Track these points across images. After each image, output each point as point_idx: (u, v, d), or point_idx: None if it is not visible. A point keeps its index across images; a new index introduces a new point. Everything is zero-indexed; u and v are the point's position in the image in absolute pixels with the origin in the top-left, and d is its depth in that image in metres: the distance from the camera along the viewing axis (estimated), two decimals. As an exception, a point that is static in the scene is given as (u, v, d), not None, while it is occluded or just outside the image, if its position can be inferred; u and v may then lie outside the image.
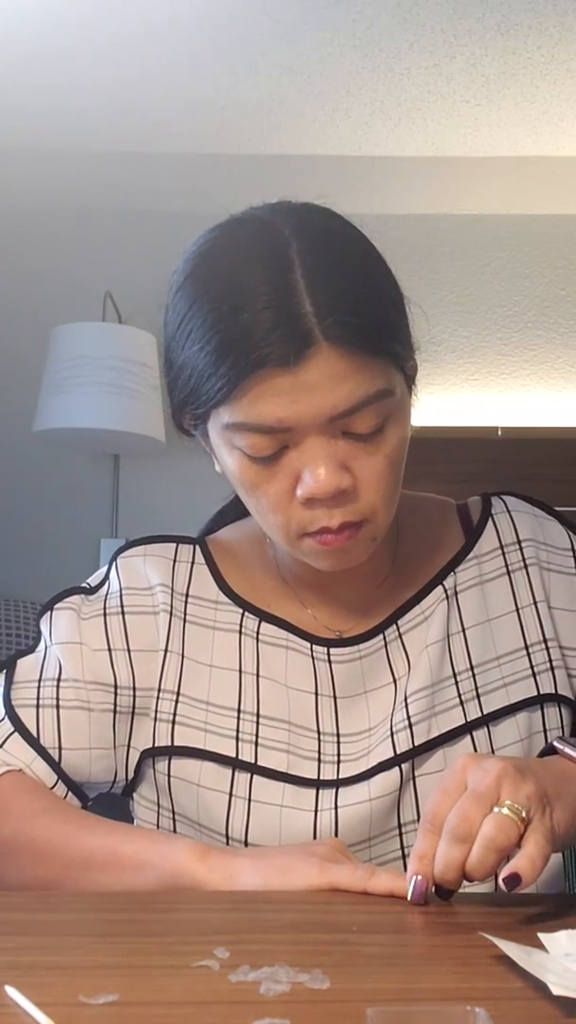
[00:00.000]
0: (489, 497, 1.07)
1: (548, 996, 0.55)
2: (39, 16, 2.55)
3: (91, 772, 0.97)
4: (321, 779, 0.93)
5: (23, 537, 3.34)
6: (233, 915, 0.76)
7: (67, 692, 0.97)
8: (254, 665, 0.98)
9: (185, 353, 0.88)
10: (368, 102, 2.93)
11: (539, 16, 2.58)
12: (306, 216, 0.89)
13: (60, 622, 1.01)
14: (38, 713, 0.96)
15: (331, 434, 0.85)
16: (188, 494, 1.17)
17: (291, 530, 0.89)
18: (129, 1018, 0.54)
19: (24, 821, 0.91)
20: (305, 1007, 0.55)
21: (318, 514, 0.87)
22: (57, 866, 0.89)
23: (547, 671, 0.98)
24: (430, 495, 1.10)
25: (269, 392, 0.83)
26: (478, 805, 0.73)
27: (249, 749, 0.94)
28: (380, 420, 0.86)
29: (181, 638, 0.99)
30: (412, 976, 0.62)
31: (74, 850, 0.89)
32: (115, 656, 0.98)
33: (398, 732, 0.93)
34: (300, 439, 0.85)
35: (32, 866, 0.90)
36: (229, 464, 0.90)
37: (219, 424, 0.88)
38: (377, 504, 0.89)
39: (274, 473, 0.87)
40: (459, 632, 0.98)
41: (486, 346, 3.44)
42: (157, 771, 0.97)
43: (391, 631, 0.99)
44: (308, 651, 0.98)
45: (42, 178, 3.27)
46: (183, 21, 2.57)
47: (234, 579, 1.03)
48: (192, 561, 1.03)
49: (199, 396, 0.87)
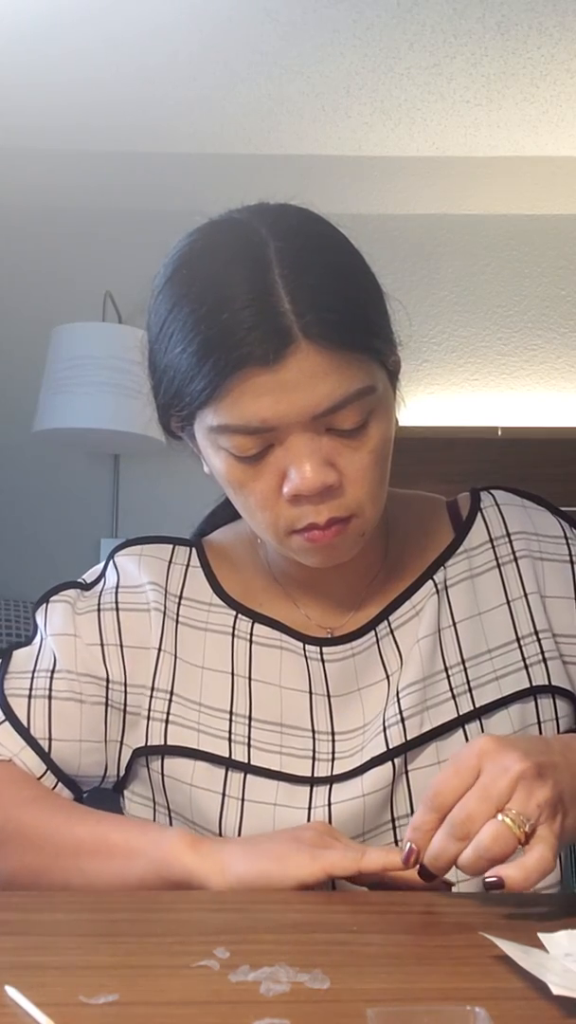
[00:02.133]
0: (478, 492, 1.07)
1: (548, 996, 0.55)
2: (39, 16, 2.55)
3: (80, 765, 0.97)
4: (315, 776, 0.93)
5: (23, 537, 3.34)
6: (233, 915, 0.76)
7: (60, 683, 0.97)
8: (246, 668, 0.98)
9: (168, 356, 0.89)
10: (368, 102, 2.93)
11: (539, 16, 2.58)
12: (283, 216, 0.90)
13: (55, 614, 1.01)
14: (30, 703, 0.97)
15: (315, 431, 0.86)
16: (188, 494, 1.17)
17: (279, 528, 0.90)
18: (129, 1018, 0.54)
19: (12, 810, 0.92)
20: (305, 1007, 0.55)
21: (305, 510, 0.88)
22: (46, 854, 0.89)
23: (539, 663, 0.98)
24: (419, 492, 1.10)
25: (251, 392, 0.84)
26: (485, 805, 0.73)
27: (242, 750, 0.94)
28: (363, 416, 0.87)
29: (174, 639, 0.99)
30: (412, 976, 0.62)
31: (63, 838, 0.89)
32: (108, 651, 0.98)
33: (390, 727, 0.93)
34: (284, 437, 0.86)
35: (20, 855, 0.90)
36: (216, 464, 0.91)
37: (204, 426, 0.89)
38: (363, 499, 0.89)
39: (260, 471, 0.88)
40: (450, 626, 0.99)
41: (486, 346, 3.44)
42: (151, 770, 0.97)
43: (382, 627, 0.99)
44: (301, 651, 0.98)
45: (42, 178, 3.28)
46: (183, 21, 2.57)
47: (228, 581, 1.03)
48: (187, 564, 1.04)
49: (183, 398, 0.88)
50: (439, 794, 0.75)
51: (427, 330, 3.40)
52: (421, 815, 0.76)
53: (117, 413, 2.93)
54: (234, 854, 0.83)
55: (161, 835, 0.87)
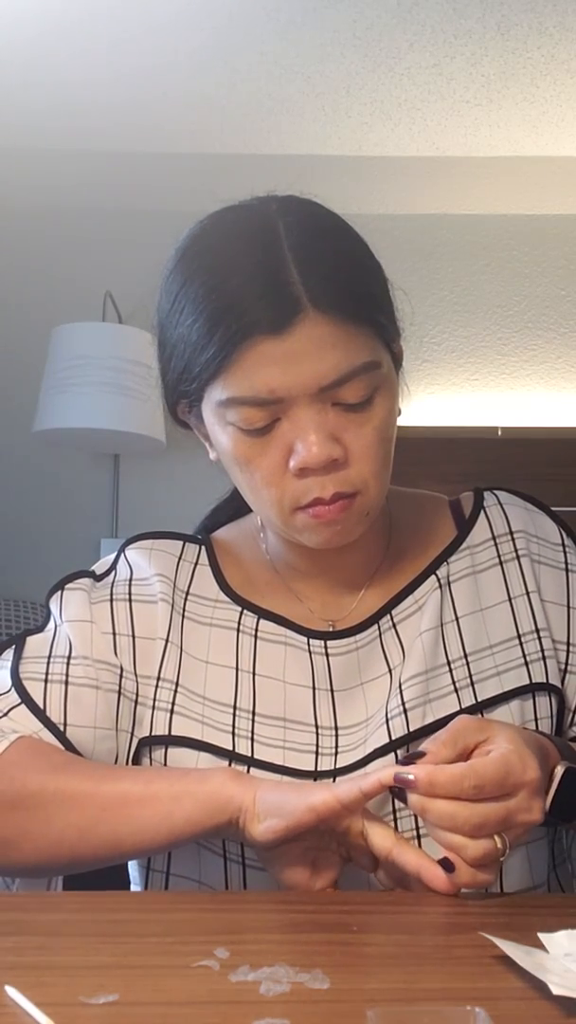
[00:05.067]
0: (481, 491, 1.09)
1: (548, 996, 0.55)
2: (39, 16, 2.55)
3: (95, 751, 0.97)
4: (318, 770, 0.93)
5: (23, 537, 3.34)
6: (233, 915, 0.76)
7: (76, 669, 0.97)
8: (251, 663, 0.98)
9: (178, 329, 0.91)
10: (368, 102, 2.93)
11: (539, 16, 2.58)
12: (292, 200, 0.94)
13: (71, 602, 1.02)
14: (46, 688, 0.96)
15: (322, 404, 0.88)
16: (188, 494, 1.18)
17: (285, 504, 0.91)
18: (129, 1018, 0.54)
19: (48, 774, 0.90)
20: (305, 1007, 0.55)
21: (310, 485, 0.89)
22: (91, 809, 0.87)
23: (539, 660, 0.99)
24: (423, 491, 1.12)
25: (260, 362, 0.86)
26: (494, 823, 0.77)
27: (246, 744, 0.95)
28: (369, 391, 0.89)
29: (180, 632, 1.00)
30: (412, 976, 0.62)
31: (108, 791, 0.88)
32: (119, 641, 0.99)
33: (393, 718, 0.94)
34: (291, 410, 0.88)
35: (64, 814, 0.88)
36: (223, 443, 0.92)
37: (213, 402, 0.90)
38: (368, 476, 0.90)
39: (267, 446, 0.89)
40: (452, 621, 0.99)
41: (486, 346, 3.44)
42: (154, 760, 0.97)
43: (385, 621, 1.00)
44: (305, 646, 0.99)
45: (42, 178, 3.27)
46: (183, 20, 2.57)
47: (233, 577, 1.04)
48: (196, 562, 1.05)
49: (192, 371, 0.90)
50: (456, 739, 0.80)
51: (427, 330, 3.40)
52: (433, 746, 0.79)
53: (117, 413, 2.93)
54: (266, 786, 0.85)
55: (204, 772, 0.88)
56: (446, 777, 0.76)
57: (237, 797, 0.84)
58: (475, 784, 0.76)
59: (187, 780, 0.87)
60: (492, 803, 0.77)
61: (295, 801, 0.80)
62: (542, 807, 0.79)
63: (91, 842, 0.88)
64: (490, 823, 0.76)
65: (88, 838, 0.88)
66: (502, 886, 0.91)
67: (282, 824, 0.80)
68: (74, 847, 0.88)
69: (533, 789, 0.78)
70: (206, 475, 1.11)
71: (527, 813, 0.78)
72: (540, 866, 0.97)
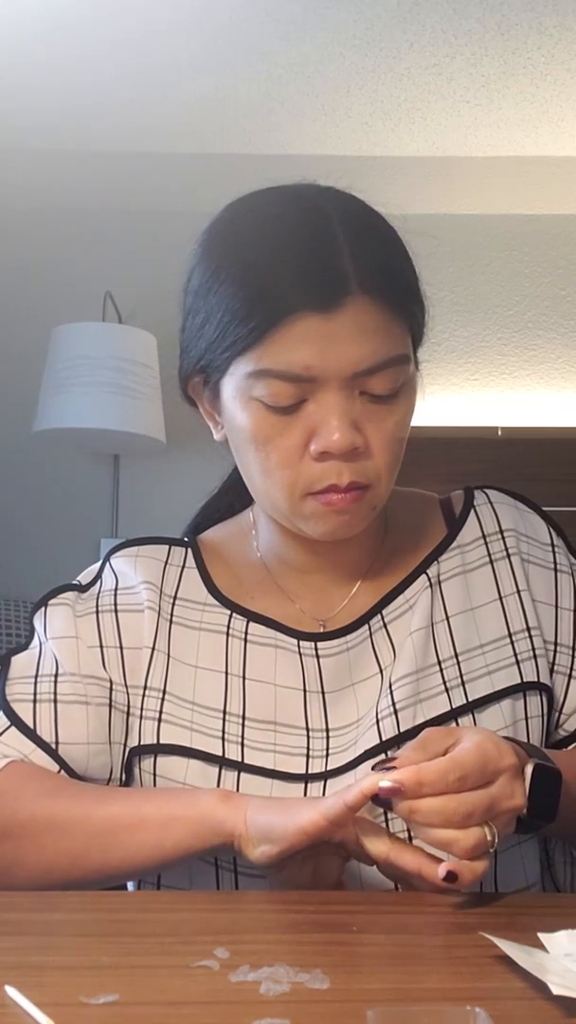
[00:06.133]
0: (472, 490, 1.08)
1: (548, 996, 0.55)
2: (39, 16, 2.55)
3: (88, 767, 0.96)
4: (309, 773, 0.93)
5: (23, 537, 3.34)
6: (233, 915, 0.76)
7: (64, 687, 0.97)
8: (240, 667, 0.98)
9: (216, 297, 0.90)
10: (368, 102, 2.93)
11: (539, 16, 2.58)
12: (333, 189, 0.96)
13: (55, 618, 1.01)
14: (35, 708, 0.96)
15: (350, 391, 0.88)
16: (188, 494, 1.17)
17: (297, 488, 0.90)
18: (129, 1018, 0.54)
19: (39, 801, 0.90)
20: (305, 1007, 0.55)
21: (328, 470, 0.89)
22: (82, 837, 0.88)
23: (530, 659, 0.98)
24: (414, 490, 1.11)
25: (301, 337, 0.86)
26: (481, 811, 0.76)
27: (235, 749, 0.94)
28: (396, 385, 0.90)
29: (167, 638, 0.99)
30: (412, 976, 0.62)
31: (97, 818, 0.88)
32: (107, 653, 0.98)
33: (383, 719, 0.93)
34: (320, 392, 0.87)
35: (55, 842, 0.88)
36: (242, 420, 0.91)
37: (240, 374, 0.89)
38: (383, 470, 0.91)
39: (288, 425, 0.89)
40: (443, 620, 0.99)
41: (486, 346, 3.44)
42: (143, 770, 0.97)
43: (376, 621, 0.99)
44: (295, 648, 0.98)
45: (42, 178, 3.27)
46: (183, 21, 2.57)
47: (221, 579, 1.03)
48: (183, 565, 1.04)
49: (226, 340, 0.89)
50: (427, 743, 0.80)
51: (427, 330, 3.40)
52: (410, 753, 0.79)
53: (117, 413, 2.93)
54: (256, 805, 0.84)
55: (193, 796, 0.88)
56: (432, 773, 0.76)
57: (228, 821, 0.83)
58: (459, 776, 0.76)
59: (176, 804, 0.87)
60: (476, 791, 0.76)
61: (284, 824, 0.80)
62: (523, 791, 0.79)
63: (83, 868, 0.88)
64: (477, 812, 0.76)
65: (80, 864, 0.88)
66: (496, 886, 0.91)
67: (276, 849, 0.80)
68: (66, 873, 0.88)
69: (512, 774, 0.78)
70: (206, 475, 1.11)
71: (509, 799, 0.77)
72: (533, 865, 0.97)
